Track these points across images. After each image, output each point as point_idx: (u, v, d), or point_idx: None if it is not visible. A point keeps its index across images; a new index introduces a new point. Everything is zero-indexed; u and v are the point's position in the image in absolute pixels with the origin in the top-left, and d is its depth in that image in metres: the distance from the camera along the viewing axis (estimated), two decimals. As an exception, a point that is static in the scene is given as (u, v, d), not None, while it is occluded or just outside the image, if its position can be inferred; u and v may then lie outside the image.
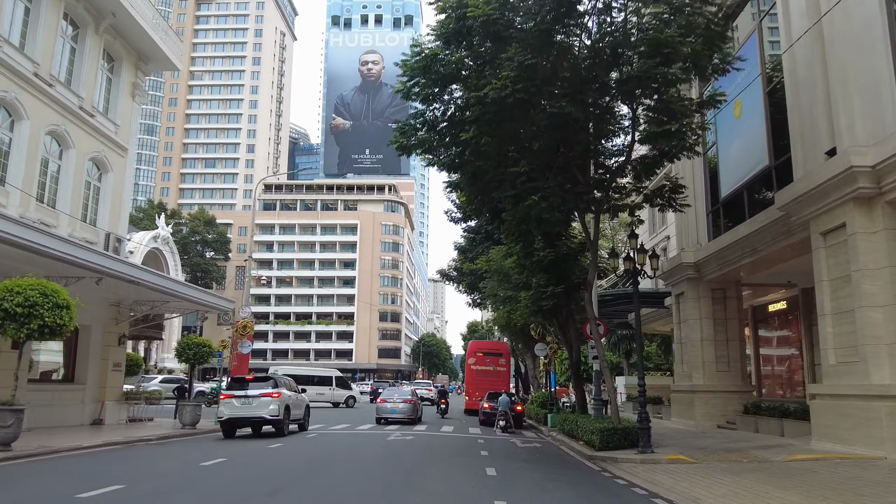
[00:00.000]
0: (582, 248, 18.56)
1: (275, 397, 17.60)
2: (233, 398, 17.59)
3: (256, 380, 18.70)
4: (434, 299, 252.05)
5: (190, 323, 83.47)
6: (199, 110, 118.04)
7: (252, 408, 17.45)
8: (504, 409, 21.52)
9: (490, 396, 25.20)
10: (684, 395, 19.49)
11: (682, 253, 19.63)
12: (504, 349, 33.04)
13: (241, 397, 17.57)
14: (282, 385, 18.44)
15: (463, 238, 33.64)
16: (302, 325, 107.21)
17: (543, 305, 18.46)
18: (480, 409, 25.44)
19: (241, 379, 18.67)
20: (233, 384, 18.30)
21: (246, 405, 17.50)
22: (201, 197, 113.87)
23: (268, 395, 17.58)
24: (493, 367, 31.69)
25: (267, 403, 17.43)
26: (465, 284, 33.27)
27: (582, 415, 18.46)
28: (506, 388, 31.06)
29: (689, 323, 19.30)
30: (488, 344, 36.82)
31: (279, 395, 17.79)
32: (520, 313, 21.75)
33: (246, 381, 18.34)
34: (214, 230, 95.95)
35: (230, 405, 17.56)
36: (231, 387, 18.19)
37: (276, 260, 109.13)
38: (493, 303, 26.08)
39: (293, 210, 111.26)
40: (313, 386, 37.11)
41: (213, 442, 16.65)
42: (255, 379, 18.87)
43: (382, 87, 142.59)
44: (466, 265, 30.82)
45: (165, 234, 67.34)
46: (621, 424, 14.45)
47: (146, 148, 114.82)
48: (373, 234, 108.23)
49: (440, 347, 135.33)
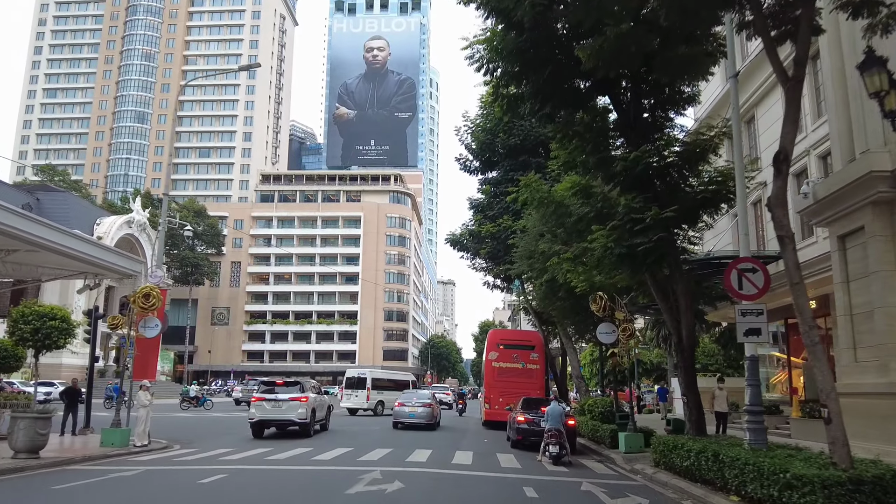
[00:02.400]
0: (708, 145, 10.59)
1: (303, 401, 18.84)
2: (264, 401, 18.88)
3: (285, 384, 19.79)
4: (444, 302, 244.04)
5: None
6: (194, 97, 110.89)
7: (282, 411, 18.75)
8: (556, 427, 13.56)
9: (527, 404, 17.24)
10: (873, 400, 11.29)
11: (866, 156, 11.55)
12: (536, 339, 24.78)
13: (271, 401, 18.79)
14: (308, 389, 19.78)
15: (481, 193, 25.20)
16: (301, 324, 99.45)
17: (638, 246, 10.38)
18: (511, 423, 17.47)
19: (272, 383, 20.01)
20: (264, 388, 19.67)
21: (276, 408, 18.76)
22: (195, 188, 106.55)
23: (297, 400, 18.82)
24: (521, 364, 23.64)
25: (296, 407, 18.71)
26: (483, 253, 24.86)
27: (700, 439, 10.48)
28: (539, 391, 23.10)
29: (878, 278, 11.20)
30: (515, 333, 28.17)
31: (307, 399, 19.08)
32: (586, 271, 13.55)
33: (276, 384, 19.68)
34: (205, 221, 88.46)
35: (261, 408, 18.81)
36: (262, 390, 19.62)
37: (273, 255, 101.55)
38: (533, 264, 17.85)
39: (292, 202, 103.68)
40: (390, 391, 34.45)
41: (49, 485, 8.89)
42: (284, 384, 19.87)
43: (388, 75, 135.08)
44: (486, 227, 22.71)
45: (141, 219, 59.77)
46: (857, 471, 6.47)
47: (136, 136, 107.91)
48: (377, 227, 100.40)
49: (450, 349, 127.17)
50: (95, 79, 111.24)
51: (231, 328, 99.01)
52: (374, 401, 32.75)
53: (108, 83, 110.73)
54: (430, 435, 20.64)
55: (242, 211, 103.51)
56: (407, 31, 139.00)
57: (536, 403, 17.13)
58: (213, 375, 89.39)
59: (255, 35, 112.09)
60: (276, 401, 18.71)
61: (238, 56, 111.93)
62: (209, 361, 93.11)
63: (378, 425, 24.91)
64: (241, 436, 18.87)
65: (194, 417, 28.69)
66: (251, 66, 26.42)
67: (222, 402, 52.05)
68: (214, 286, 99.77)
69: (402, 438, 19.14)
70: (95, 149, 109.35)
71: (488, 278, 27.58)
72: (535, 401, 17.68)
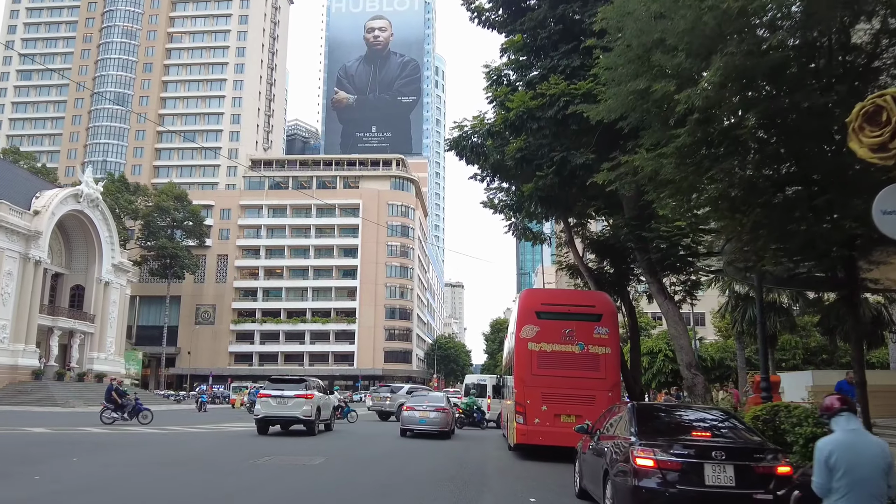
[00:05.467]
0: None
1: (308, 398, 18.86)
2: (269, 398, 18.93)
3: (290, 381, 19.97)
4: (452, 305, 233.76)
5: (173, 322, 63.23)
6: (178, 76, 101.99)
7: (287, 408, 18.70)
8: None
9: (662, 424, 7.46)
10: None
11: None
12: (603, 305, 14.56)
13: (277, 397, 18.83)
14: (312, 387, 19.67)
15: (507, 54, 14.72)
16: (294, 323, 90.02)
17: None
18: (607, 464, 7.41)
19: (279, 380, 20.38)
20: (270, 385, 19.85)
21: (281, 405, 18.74)
22: (179, 175, 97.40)
23: (302, 397, 18.82)
24: (579, 347, 13.84)
25: (301, 404, 18.67)
26: (511, 160, 14.54)
27: None
28: (611, 393, 13.42)
29: None
30: (566, 294, 17.72)
31: (312, 396, 19.11)
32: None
33: (282, 381, 19.93)
34: (185, 208, 79.26)
35: (266, 404, 18.88)
36: (268, 387, 19.76)
37: (263, 247, 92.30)
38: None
39: (284, 189, 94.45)
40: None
41: None
42: (288, 381, 20.11)
43: (391, 57, 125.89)
44: (518, 100, 12.65)
45: (92, 192, 50.37)
46: None
47: (116, 120, 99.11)
48: (377, 216, 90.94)
49: (458, 352, 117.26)
50: (73, 59, 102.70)
51: (217, 328, 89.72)
52: (495, 411, 27.21)
53: (87, 63, 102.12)
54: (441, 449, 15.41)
55: (230, 199, 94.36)
56: (410, 9, 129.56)
57: (680, 420, 7.46)
58: (193, 379, 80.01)
59: (245, 10, 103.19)
60: (282, 397, 18.76)
61: (226, 33, 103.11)
62: (193, 364, 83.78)
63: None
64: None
65: (94, 441, 18.98)
66: None
67: (220, 409, 42.63)
68: (199, 282, 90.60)
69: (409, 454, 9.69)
70: (72, 133, 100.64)
71: (506, 216, 17.84)
72: (674, 412, 8.02)
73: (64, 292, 52.60)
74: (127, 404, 22.82)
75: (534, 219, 18.48)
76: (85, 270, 53.28)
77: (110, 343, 55.09)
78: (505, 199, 18.03)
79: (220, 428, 23.10)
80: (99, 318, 52.87)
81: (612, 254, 17.70)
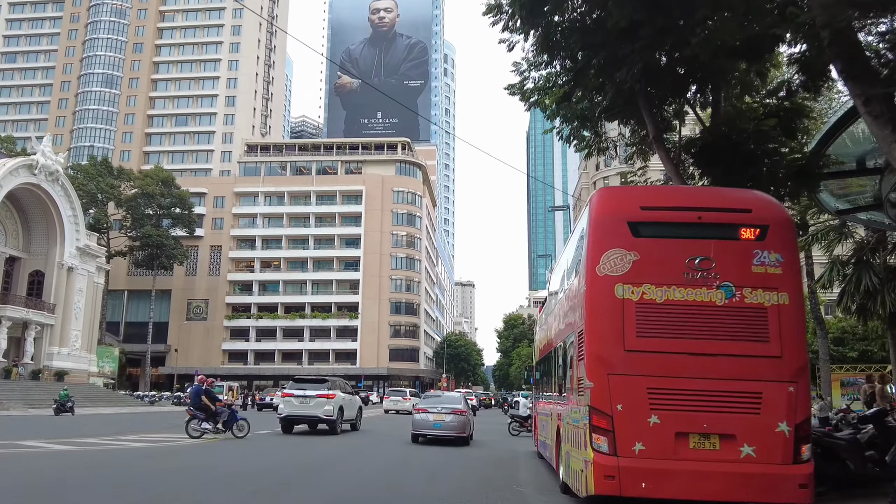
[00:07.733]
0: None
1: (330, 398, 19.11)
2: (292, 397, 19.32)
3: (313, 381, 20.25)
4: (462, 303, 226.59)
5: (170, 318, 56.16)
6: (170, 57, 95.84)
7: (309, 407, 19.05)
8: None
9: None
10: None
11: None
12: (766, 206, 7.30)
13: (299, 397, 19.17)
14: (335, 387, 19.87)
15: None
16: (292, 318, 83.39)
17: None
18: None
19: (302, 379, 20.68)
20: (293, 385, 20.02)
21: (304, 404, 19.11)
22: (170, 161, 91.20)
23: (324, 396, 19.11)
24: (722, 290, 6.86)
25: (322, 404, 18.96)
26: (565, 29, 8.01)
27: None
28: (795, 388, 6.39)
29: None
30: (684, 191, 9.48)
31: (333, 396, 19.33)
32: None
33: (305, 381, 20.19)
34: (172, 193, 72.77)
35: (289, 403, 19.31)
36: (291, 387, 19.94)
37: (259, 237, 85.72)
38: None
39: (282, 175, 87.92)
40: None
41: None
42: (311, 380, 20.43)
43: (397, 39, 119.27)
44: None
45: (50, 164, 43.81)
46: None
47: (104, 103, 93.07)
48: (382, 204, 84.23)
49: (469, 350, 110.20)
50: (59, 40, 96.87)
51: (210, 324, 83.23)
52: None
53: (74, 44, 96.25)
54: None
55: (224, 186, 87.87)
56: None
57: None
58: (181, 380, 73.48)
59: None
60: (305, 397, 18.93)
61: (221, 10, 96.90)
62: (185, 363, 77.26)
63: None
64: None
65: None
66: None
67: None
68: (190, 275, 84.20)
69: None
70: (58, 118, 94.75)
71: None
72: None
73: (21, 278, 46.23)
74: (221, 412, 17.58)
75: (592, 115, 11.58)
76: (45, 255, 46.87)
77: (75, 337, 48.53)
78: (548, 76, 11.12)
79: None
80: (61, 309, 46.35)
81: (725, 160, 10.62)
